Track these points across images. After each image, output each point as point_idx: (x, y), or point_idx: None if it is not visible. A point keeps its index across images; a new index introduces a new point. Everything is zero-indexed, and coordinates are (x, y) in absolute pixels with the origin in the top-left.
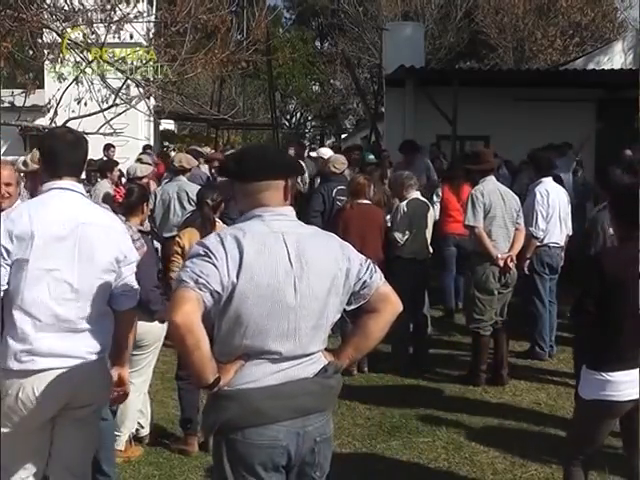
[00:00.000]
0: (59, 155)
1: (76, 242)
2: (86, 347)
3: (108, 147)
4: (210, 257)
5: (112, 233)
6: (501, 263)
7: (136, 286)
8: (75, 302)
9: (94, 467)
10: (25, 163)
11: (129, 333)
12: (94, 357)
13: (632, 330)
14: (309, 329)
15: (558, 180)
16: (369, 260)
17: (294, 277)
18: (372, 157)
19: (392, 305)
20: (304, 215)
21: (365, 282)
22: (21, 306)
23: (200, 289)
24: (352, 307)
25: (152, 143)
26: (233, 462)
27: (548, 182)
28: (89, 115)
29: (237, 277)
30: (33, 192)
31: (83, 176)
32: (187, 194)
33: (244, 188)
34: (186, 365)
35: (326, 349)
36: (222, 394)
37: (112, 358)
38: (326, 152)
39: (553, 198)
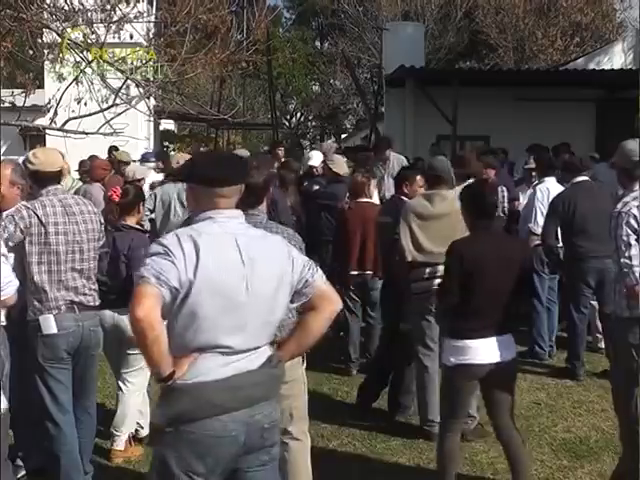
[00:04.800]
0: None
1: None
2: None
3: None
4: (169, 255)
5: None
6: None
7: (11, 277)
8: None
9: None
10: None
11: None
12: None
13: (488, 305)
14: (258, 325)
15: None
16: (311, 260)
17: (246, 276)
18: None
19: (331, 304)
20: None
21: (307, 281)
22: None
23: (161, 285)
24: (295, 305)
25: (152, 143)
26: (182, 452)
27: (550, 181)
28: (89, 115)
29: (194, 275)
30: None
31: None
32: None
33: (208, 192)
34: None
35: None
36: (176, 387)
37: None
38: (314, 155)
39: (553, 196)
